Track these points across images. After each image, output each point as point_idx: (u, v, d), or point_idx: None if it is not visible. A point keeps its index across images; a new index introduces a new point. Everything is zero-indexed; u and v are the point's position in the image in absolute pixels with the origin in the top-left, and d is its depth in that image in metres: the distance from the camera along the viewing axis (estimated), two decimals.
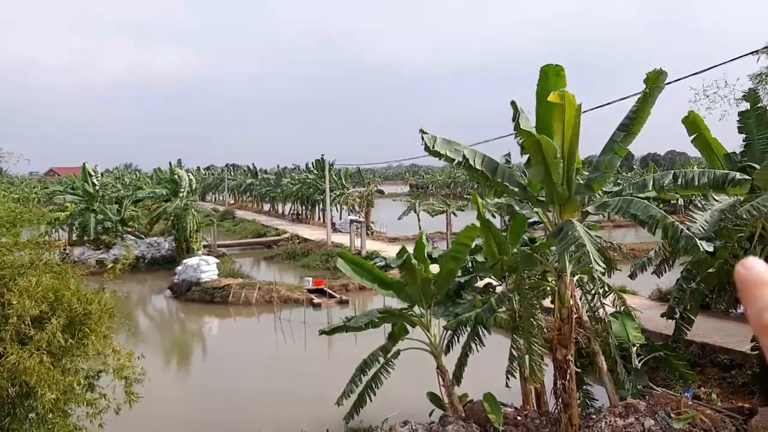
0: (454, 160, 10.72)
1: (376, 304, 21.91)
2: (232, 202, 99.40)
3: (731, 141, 14.24)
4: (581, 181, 11.34)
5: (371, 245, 41.35)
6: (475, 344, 13.00)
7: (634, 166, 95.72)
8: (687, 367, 13.45)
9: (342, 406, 12.74)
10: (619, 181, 52.01)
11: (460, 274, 14.34)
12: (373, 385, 12.79)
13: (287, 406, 16.98)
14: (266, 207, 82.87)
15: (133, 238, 42.20)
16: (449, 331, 13.18)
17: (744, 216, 10.86)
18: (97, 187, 43.25)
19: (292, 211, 70.90)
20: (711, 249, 13.10)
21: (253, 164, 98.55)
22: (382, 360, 12.80)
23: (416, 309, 12.92)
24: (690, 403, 11.39)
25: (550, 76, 10.32)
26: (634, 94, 11.49)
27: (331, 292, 30.31)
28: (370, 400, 12.80)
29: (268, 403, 17.49)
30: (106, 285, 10.48)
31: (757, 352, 12.63)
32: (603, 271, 9.74)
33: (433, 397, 13.08)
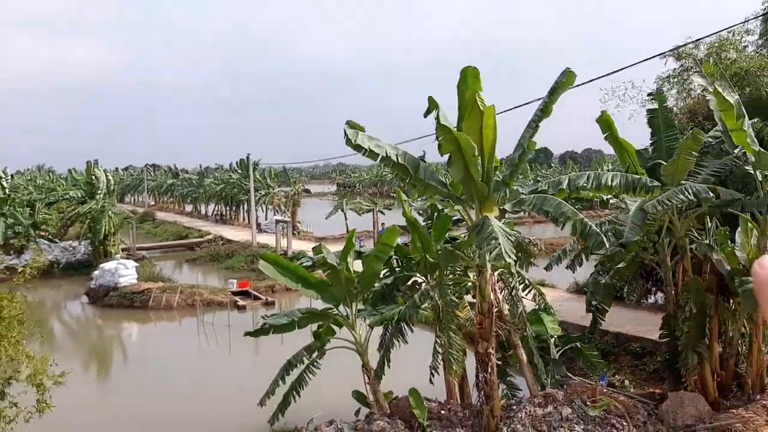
0: (377, 155, 10.71)
1: (303, 305, 21.74)
2: (153, 203, 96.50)
3: (640, 138, 14.92)
4: (499, 179, 11.62)
5: (298, 245, 41.00)
6: (398, 341, 13.09)
7: (553, 164, 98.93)
8: (599, 357, 13.99)
9: (265, 407, 12.57)
10: (538, 178, 53.64)
11: (387, 273, 14.44)
12: (298, 386, 12.68)
13: (212, 410, 16.63)
14: (188, 208, 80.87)
15: (46, 242, 40.28)
16: (374, 329, 13.23)
17: (651, 211, 11.37)
18: (7, 190, 41.04)
19: (215, 212, 69.46)
20: (619, 244, 13.76)
21: (174, 164, 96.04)
22: (307, 360, 12.71)
23: (341, 308, 12.91)
24: (605, 390, 11.84)
25: (469, 78, 10.55)
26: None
27: (256, 293, 29.89)
28: (295, 401, 12.67)
29: (192, 408, 17.07)
30: (17, 291, 9.97)
31: (665, 339, 13.25)
32: (513, 262, 9.99)
33: (359, 396, 13.10)
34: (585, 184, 10.64)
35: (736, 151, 12.71)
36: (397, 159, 10.78)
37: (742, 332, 12.96)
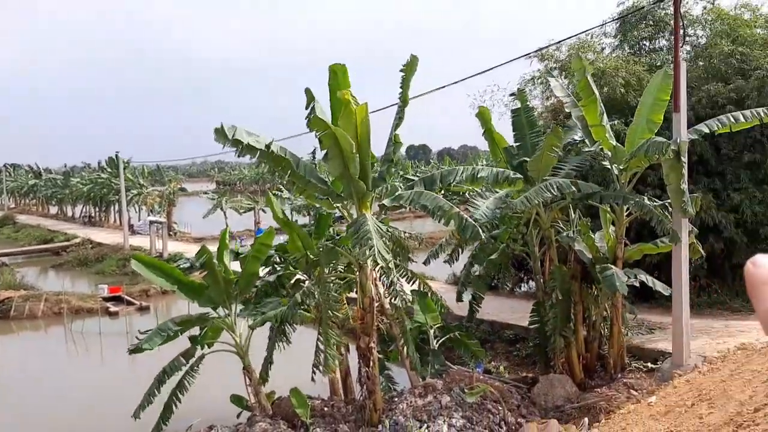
0: (256, 150, 10.46)
1: (181, 308, 20.98)
2: (13, 206, 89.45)
3: (510, 137, 15.62)
4: (376, 175, 11.78)
5: (175, 247, 39.50)
6: (282, 341, 12.94)
7: (432, 160, 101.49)
8: (477, 345, 14.57)
9: (140, 419, 11.97)
10: (418, 174, 54.86)
11: (269, 272, 14.23)
12: (179, 392, 12.22)
13: (85, 422, 15.67)
14: (53, 210, 75.65)
15: None
16: (257, 330, 13.00)
17: (518, 207, 11.97)
18: None
19: (83, 214, 65.46)
20: (490, 236, 14.38)
21: (36, 163, 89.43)
22: (185, 366, 12.26)
23: (220, 311, 12.56)
24: (481, 377, 12.33)
25: (338, 75, 10.59)
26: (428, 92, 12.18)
27: (129, 298, 28.48)
28: (176, 407, 12.20)
29: (62, 421, 15.99)
30: None
31: (535, 326, 13.98)
32: (386, 263, 10.21)
33: (238, 399, 12.83)
34: (457, 179, 11.02)
35: (594, 146, 13.60)
36: (275, 151, 10.61)
37: (604, 316, 13.93)
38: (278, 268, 14.47)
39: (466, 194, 14.91)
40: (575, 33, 19.73)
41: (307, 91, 10.53)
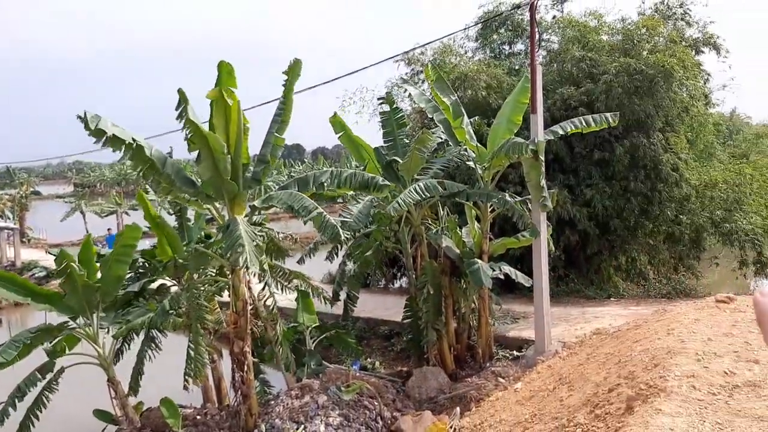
0: (122, 142, 9.87)
1: (38, 319, 19.50)
2: None
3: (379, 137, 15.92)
4: (249, 175, 11.59)
5: (28, 254, 36.69)
6: (151, 350, 12.40)
7: (306, 159, 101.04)
8: (355, 342, 14.77)
9: None
10: (292, 174, 54.48)
11: (134, 277, 13.55)
12: (36, 410, 11.35)
13: None
14: None
15: None
16: (120, 340, 12.37)
17: (392, 212, 12.27)
18: None
19: None
20: (364, 234, 14.61)
21: None
22: (42, 382, 11.42)
23: (80, 320, 11.81)
24: (357, 374, 12.47)
25: (224, 74, 10.34)
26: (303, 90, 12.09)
27: None
28: (33, 426, 11.34)
29: None
30: None
31: (409, 320, 14.35)
32: (258, 271, 10.11)
33: (102, 414, 12.16)
34: (328, 182, 11.11)
35: (459, 148, 14.18)
36: (145, 150, 10.13)
37: (473, 308, 14.56)
38: (142, 273, 13.85)
39: (341, 197, 15.03)
40: (438, 37, 20.46)
41: (180, 92, 10.17)
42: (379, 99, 16.01)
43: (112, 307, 12.24)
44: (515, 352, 14.38)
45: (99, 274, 12.04)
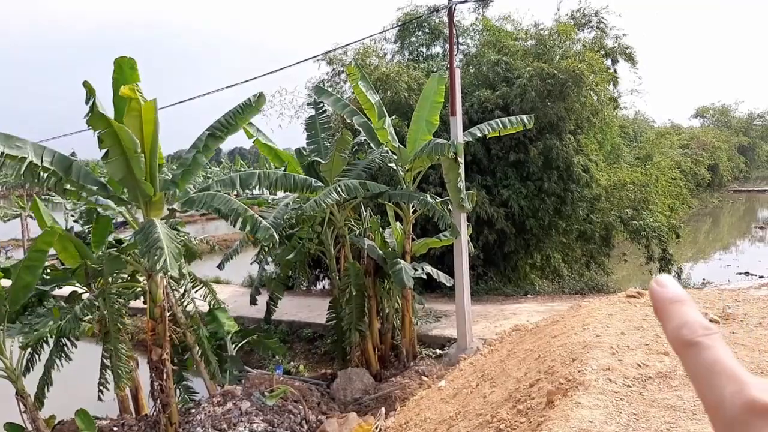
0: (16, 157, 9.44)
1: None
2: None
3: (301, 137, 15.81)
4: (167, 177, 11.22)
5: None
6: (60, 359, 11.80)
7: (222, 160, 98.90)
8: (277, 342, 14.60)
9: None
10: (208, 175, 53.14)
11: (40, 283, 12.85)
12: None
13: None
14: None
15: None
16: (29, 350, 11.71)
17: (309, 211, 12.18)
18: None
19: None
20: (286, 236, 14.47)
21: None
22: None
23: None
24: (281, 378, 12.32)
25: (125, 69, 9.93)
26: (217, 90, 11.82)
27: None
28: None
29: None
30: None
31: (333, 322, 14.31)
32: (178, 274, 9.84)
33: (12, 428, 11.48)
34: (257, 184, 10.92)
35: (381, 148, 14.27)
36: (42, 162, 9.65)
37: (396, 308, 14.67)
38: (47, 279, 13.16)
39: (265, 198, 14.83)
40: (359, 38, 20.54)
41: (86, 84, 9.67)
42: (308, 104, 15.93)
43: (19, 315, 11.57)
44: (438, 351, 14.61)
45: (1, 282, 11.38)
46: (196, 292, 14.08)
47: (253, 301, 15.24)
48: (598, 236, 21.99)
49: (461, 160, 13.54)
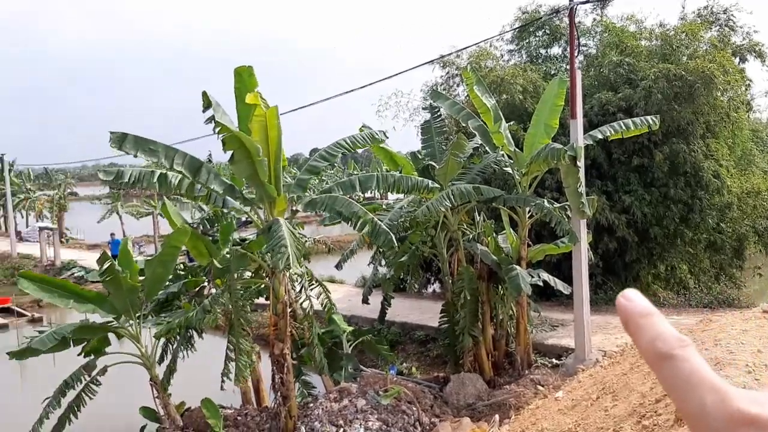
0: (149, 161, 10.19)
1: (77, 318, 19.89)
2: None
3: (413, 139, 15.98)
4: (289, 179, 11.69)
5: (67, 254, 37.41)
6: (187, 349, 12.56)
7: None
8: (388, 350, 14.78)
9: None
10: (323, 177, 54.67)
11: (172, 279, 13.75)
12: (75, 407, 11.60)
13: None
14: None
15: None
16: (163, 340, 12.56)
17: (421, 217, 12.28)
18: None
19: None
20: (399, 238, 14.65)
21: None
22: (85, 379, 11.66)
23: (123, 320, 12.03)
24: (395, 379, 12.48)
25: (245, 77, 10.46)
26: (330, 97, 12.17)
27: (19, 309, 26.70)
28: (70, 423, 11.57)
29: None
30: None
31: (445, 326, 14.31)
32: (300, 272, 10.23)
33: (147, 412, 12.35)
34: (377, 187, 11.17)
35: (497, 152, 14.13)
36: (173, 166, 10.33)
37: (510, 314, 14.45)
38: (182, 275, 14.05)
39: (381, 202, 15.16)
40: (475, 42, 20.34)
41: (204, 95, 10.28)
42: (423, 108, 16.08)
43: (154, 307, 12.45)
44: (554, 360, 14.24)
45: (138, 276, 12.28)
46: (311, 290, 14.53)
47: (365, 301, 15.53)
48: (729, 247, 20.62)
49: (581, 164, 13.16)
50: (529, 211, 13.71)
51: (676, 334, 0.71)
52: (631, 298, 0.75)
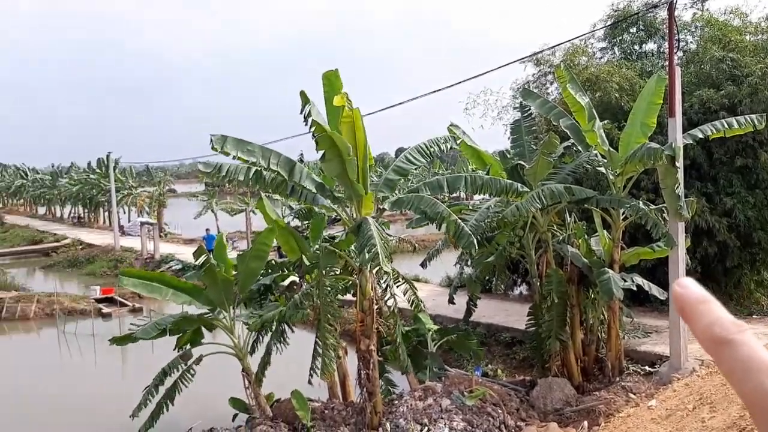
0: (247, 161, 10.59)
1: (174, 309, 20.90)
2: (0, 206, 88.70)
3: (498, 138, 15.79)
4: (376, 179, 11.84)
5: (166, 248, 39.32)
6: (280, 343, 12.94)
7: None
8: (477, 344, 14.65)
9: (137, 418, 12.00)
10: (409, 177, 54.80)
11: (263, 274, 14.20)
12: (172, 394, 12.20)
13: (78, 424, 15.60)
14: (42, 210, 75.09)
15: None
16: (253, 333, 12.99)
17: (510, 217, 12.12)
18: None
19: (72, 215, 65.02)
20: (485, 239, 14.53)
21: (22, 163, 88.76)
22: (182, 367, 12.25)
23: (218, 312, 12.55)
24: (480, 380, 12.39)
25: (332, 80, 10.71)
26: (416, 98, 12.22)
27: (121, 300, 28.33)
28: (167, 410, 12.18)
29: (55, 425, 15.89)
30: None
31: (532, 329, 14.07)
32: (387, 269, 10.33)
33: (236, 402, 12.81)
34: (464, 188, 11.15)
35: (590, 151, 13.74)
36: (269, 165, 10.67)
37: (601, 319, 14.04)
38: (270, 271, 14.46)
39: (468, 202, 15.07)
40: (569, 38, 19.90)
41: (302, 94, 10.57)
42: (514, 107, 15.88)
43: (246, 300, 12.91)
44: (647, 368, 13.70)
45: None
46: (397, 288, 14.62)
47: (451, 301, 15.47)
48: None
49: (679, 164, 12.61)
50: (624, 213, 13.27)
51: (733, 320, 0.73)
52: (687, 285, 0.77)
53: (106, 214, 57.31)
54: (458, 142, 14.83)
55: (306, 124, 10.39)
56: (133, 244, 40.80)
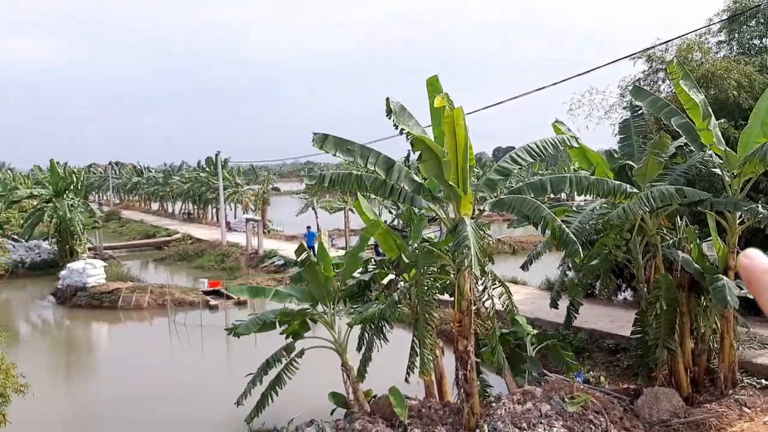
0: (348, 161, 10.87)
1: (276, 304, 21.64)
2: (117, 201, 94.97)
3: (603, 138, 15.25)
4: (476, 180, 11.76)
5: (268, 244, 40.77)
6: (380, 340, 13.12)
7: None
8: (572, 357, 14.26)
9: (242, 406, 12.54)
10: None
11: (362, 271, 14.45)
12: (276, 386, 12.65)
13: (186, 409, 16.48)
14: (155, 206, 79.82)
15: (10, 242, 39.21)
16: (352, 328, 13.24)
17: (616, 220, 11.69)
18: None
19: (183, 211, 68.61)
20: (588, 241, 14.09)
21: (138, 162, 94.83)
22: (285, 359, 12.67)
23: (319, 307, 12.89)
24: (582, 387, 12.04)
25: (435, 85, 10.78)
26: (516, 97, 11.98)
27: (228, 293, 29.60)
28: (272, 401, 12.65)
29: (165, 408, 16.86)
30: None
31: (638, 336, 13.51)
32: (479, 273, 10.25)
33: (335, 397, 13.08)
34: (568, 189, 10.89)
35: (704, 151, 13.04)
36: (367, 164, 10.84)
37: (714, 328, 13.30)
38: (370, 268, 14.66)
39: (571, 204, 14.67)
40: (683, 33, 18.90)
41: (387, 101, 10.67)
42: (624, 107, 15.34)
43: (346, 296, 13.19)
44: (764, 381, 12.88)
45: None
46: (494, 290, 14.45)
47: (553, 305, 15.11)
48: None
49: None
50: (740, 217, 12.52)
51: None
52: (753, 256, 0.77)
53: (214, 210, 60.16)
54: (576, 141, 14.44)
55: (396, 128, 10.50)
56: (239, 239, 42.54)
